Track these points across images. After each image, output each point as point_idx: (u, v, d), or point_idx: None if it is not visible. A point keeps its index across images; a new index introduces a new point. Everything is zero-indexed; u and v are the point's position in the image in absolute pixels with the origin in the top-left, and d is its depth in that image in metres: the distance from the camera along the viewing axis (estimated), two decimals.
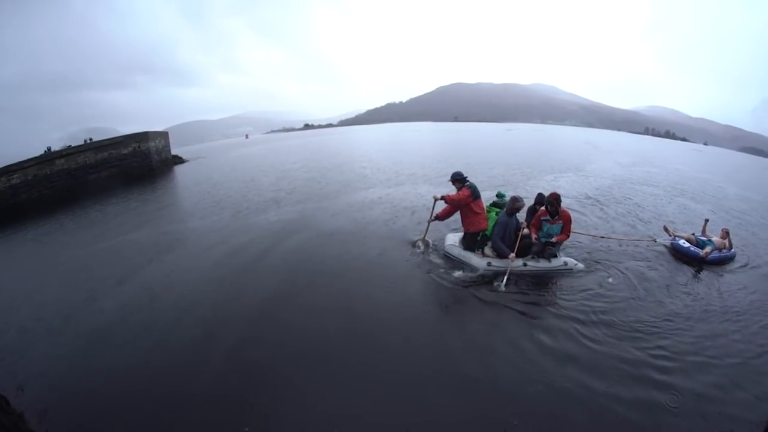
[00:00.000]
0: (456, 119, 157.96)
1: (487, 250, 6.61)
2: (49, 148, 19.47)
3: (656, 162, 24.42)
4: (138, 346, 4.83)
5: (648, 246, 7.85)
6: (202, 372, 4.27)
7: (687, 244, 7.54)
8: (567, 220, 6.39)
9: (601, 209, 10.65)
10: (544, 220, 6.47)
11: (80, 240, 9.84)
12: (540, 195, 7.04)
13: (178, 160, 27.23)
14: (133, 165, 21.24)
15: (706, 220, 8.40)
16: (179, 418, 3.70)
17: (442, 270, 6.48)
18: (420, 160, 20.40)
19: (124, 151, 20.98)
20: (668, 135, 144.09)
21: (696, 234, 7.92)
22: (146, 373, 4.33)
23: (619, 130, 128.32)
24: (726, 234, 7.66)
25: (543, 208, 6.56)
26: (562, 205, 6.41)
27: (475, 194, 6.59)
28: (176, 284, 6.53)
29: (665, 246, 7.85)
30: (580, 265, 6.54)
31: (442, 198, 6.71)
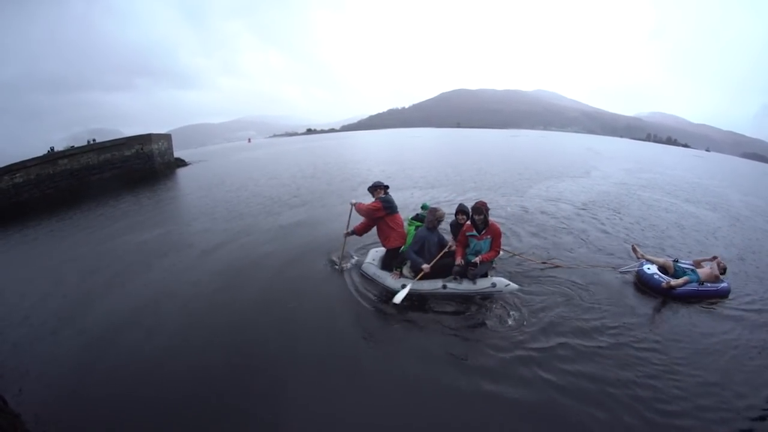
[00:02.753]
0: (458, 125, 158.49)
1: (405, 270, 5.91)
2: (52, 148, 19.51)
3: (658, 168, 24.37)
4: (136, 349, 4.77)
5: (614, 275, 6.58)
6: (201, 374, 4.23)
7: (651, 270, 6.23)
8: (496, 235, 5.62)
9: (583, 221, 9.76)
10: (470, 235, 5.69)
11: (82, 240, 9.79)
12: (462, 205, 6.10)
13: (181, 163, 27.23)
14: (136, 167, 21.23)
15: (717, 260, 6.34)
16: (176, 421, 3.64)
17: (366, 293, 5.87)
18: (427, 166, 20.31)
19: (127, 153, 20.98)
20: (670, 141, 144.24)
21: (681, 260, 6.55)
22: (144, 375, 4.28)
23: (621, 136, 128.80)
24: (722, 268, 6.15)
25: (469, 222, 5.77)
26: (491, 217, 5.66)
27: (389, 208, 6.01)
28: (176, 287, 6.46)
29: (632, 273, 6.55)
30: (513, 286, 5.69)
31: (355, 204, 6.19)
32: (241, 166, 25.34)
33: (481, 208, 5.51)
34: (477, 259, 5.51)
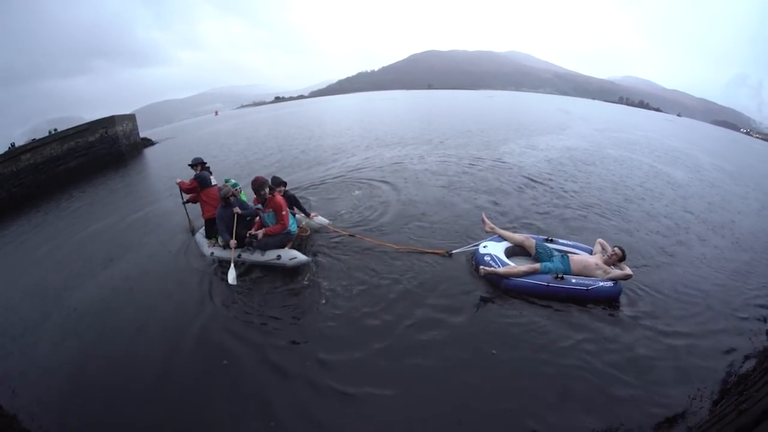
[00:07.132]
0: (430, 87, 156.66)
1: (220, 240, 6.27)
2: (12, 144, 18.48)
3: (628, 129, 24.91)
4: (129, 342, 4.64)
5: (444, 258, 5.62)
6: (202, 367, 4.15)
7: (486, 251, 4.95)
8: (277, 207, 5.73)
9: (534, 189, 9.15)
10: (257, 208, 6.03)
11: (54, 234, 9.36)
12: (274, 178, 6.39)
13: (148, 143, 26.57)
14: (102, 152, 20.25)
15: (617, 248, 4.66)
16: (174, 415, 3.60)
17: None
18: (402, 128, 20.37)
19: (91, 139, 19.93)
20: (642, 105, 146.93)
21: (561, 240, 5.25)
22: (140, 369, 4.19)
23: (593, 98, 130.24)
24: (617, 257, 4.53)
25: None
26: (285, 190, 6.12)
27: (202, 182, 6.55)
28: (160, 269, 6.38)
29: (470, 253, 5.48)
30: (301, 258, 5.55)
31: (179, 182, 6.90)
32: (209, 139, 25.39)
33: (261, 183, 5.67)
34: (260, 232, 5.72)
